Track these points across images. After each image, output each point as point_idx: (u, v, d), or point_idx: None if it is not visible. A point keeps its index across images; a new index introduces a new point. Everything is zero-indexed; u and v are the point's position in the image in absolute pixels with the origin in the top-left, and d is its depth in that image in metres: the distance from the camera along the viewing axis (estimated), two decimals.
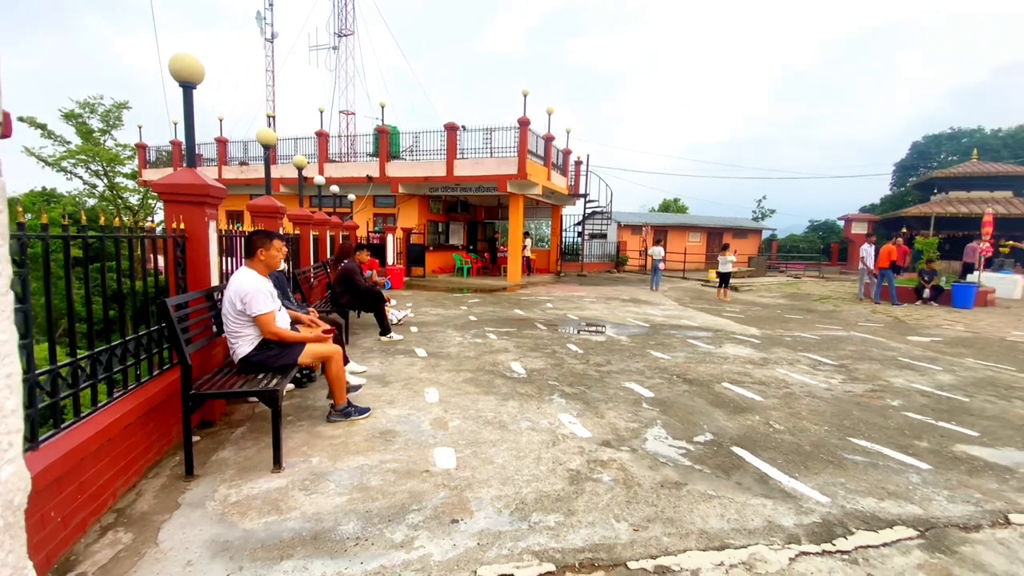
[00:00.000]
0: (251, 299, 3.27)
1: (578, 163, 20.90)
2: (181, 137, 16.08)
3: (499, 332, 7.43)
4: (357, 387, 4.48)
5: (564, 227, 23.21)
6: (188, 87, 3.55)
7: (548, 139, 16.68)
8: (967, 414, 4.19)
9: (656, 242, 16.59)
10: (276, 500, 2.58)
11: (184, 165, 3.76)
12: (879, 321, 9.54)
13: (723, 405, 4.27)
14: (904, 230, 19.55)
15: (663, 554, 2.18)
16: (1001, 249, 18.13)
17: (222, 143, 19.41)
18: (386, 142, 16.55)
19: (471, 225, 20.79)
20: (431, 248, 17.64)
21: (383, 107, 16.97)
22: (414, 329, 7.54)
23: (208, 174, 3.86)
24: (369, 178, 16.55)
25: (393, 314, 7.90)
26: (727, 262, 12.61)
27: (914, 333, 8.28)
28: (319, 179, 11.68)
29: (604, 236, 24.77)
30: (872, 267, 12.39)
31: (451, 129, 15.61)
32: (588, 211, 21.89)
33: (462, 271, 16.98)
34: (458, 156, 15.73)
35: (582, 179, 20.94)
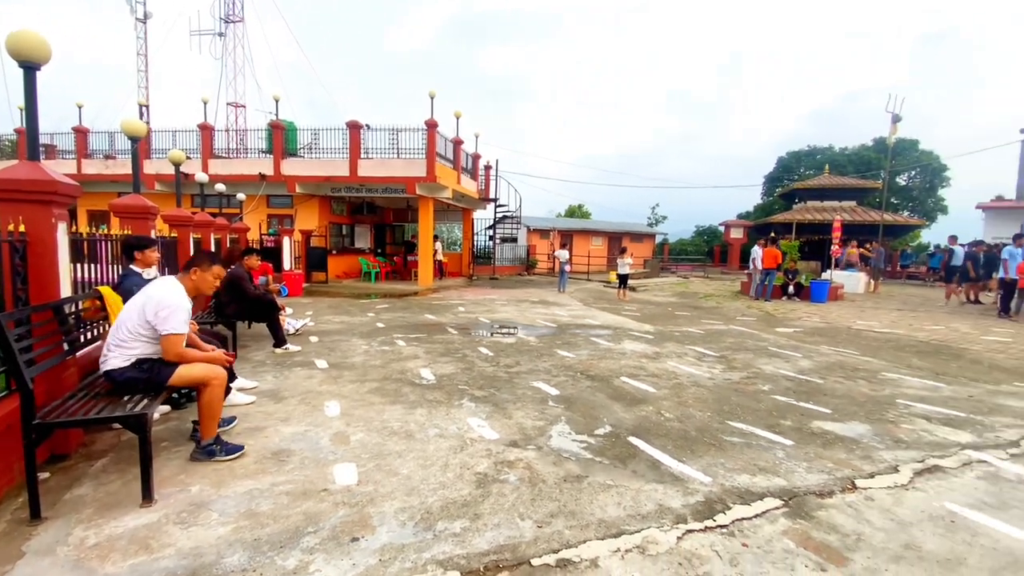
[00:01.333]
0: (170, 315, 2.91)
1: (488, 168, 21.12)
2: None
3: (409, 338, 7.25)
4: (246, 404, 4.12)
5: (475, 231, 23.31)
6: (30, 68, 3.04)
7: (457, 143, 16.66)
8: (822, 394, 4.85)
9: (562, 245, 17.25)
10: (146, 538, 2.28)
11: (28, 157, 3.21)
12: (753, 315, 10.73)
13: (621, 398, 4.54)
14: (772, 234, 22.23)
15: (565, 547, 2.25)
16: (852, 250, 21.23)
17: (82, 133, 16.87)
18: (281, 138, 15.48)
19: (379, 228, 20.13)
20: (334, 252, 16.79)
21: (277, 101, 15.86)
22: (314, 339, 7.11)
23: (63, 168, 3.33)
24: (262, 176, 15.36)
25: (289, 324, 7.38)
26: (625, 264, 13.49)
27: (781, 325, 9.43)
28: (201, 176, 10.59)
29: (515, 240, 25.26)
30: (761, 267, 13.91)
31: (354, 127, 15.00)
32: (499, 215, 22.19)
33: (369, 276, 16.35)
34: (362, 156, 15.16)
35: (492, 183, 21.18)
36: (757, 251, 14.03)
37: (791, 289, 13.80)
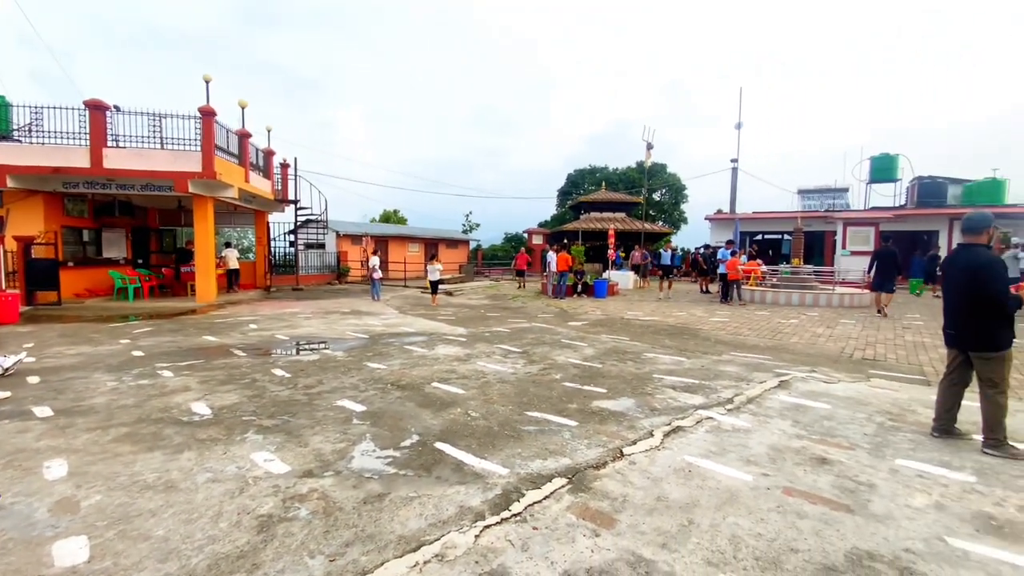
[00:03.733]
0: None
1: (285, 166, 19.14)
2: None
3: (178, 367, 6.05)
4: None
5: (273, 236, 20.89)
6: None
7: (244, 135, 14.69)
8: (601, 377, 5.60)
9: (374, 252, 16.61)
10: None
11: None
12: (551, 312, 11.94)
13: (431, 404, 4.52)
14: (565, 241, 25.16)
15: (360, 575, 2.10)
16: (636, 253, 25.00)
17: None
18: None
19: (139, 233, 16.44)
20: (71, 263, 13.18)
21: None
22: (34, 379, 5.42)
23: None
24: None
25: None
26: (435, 270, 13.64)
27: (573, 319, 10.68)
28: None
29: (322, 246, 23.43)
30: (555, 270, 15.46)
31: (96, 108, 11.99)
32: (301, 219, 20.30)
33: (125, 293, 13.22)
34: (109, 143, 12.20)
35: (291, 184, 19.27)
36: (551, 256, 15.67)
37: (580, 288, 15.79)
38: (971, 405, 3.80)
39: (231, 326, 9.40)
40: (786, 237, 23.77)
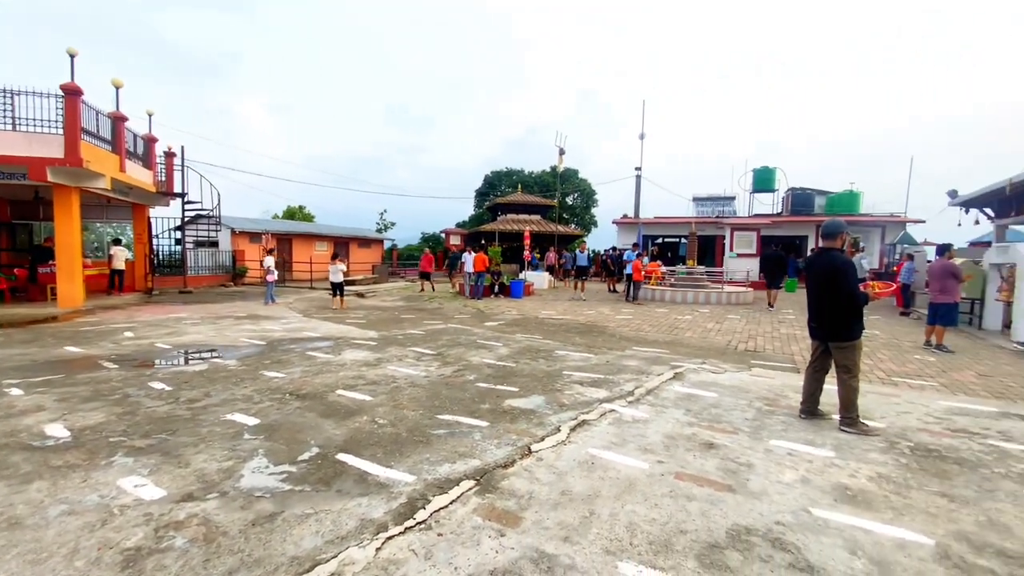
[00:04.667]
0: None
1: (170, 155, 17.21)
2: None
3: (31, 384, 5.19)
4: None
5: (156, 233, 18.71)
6: None
7: (118, 119, 13.00)
8: (514, 376, 5.67)
9: (268, 251, 15.38)
10: None
11: None
12: (468, 313, 11.90)
13: (334, 414, 4.29)
14: (483, 241, 25.25)
15: None
16: (551, 254, 25.66)
17: None
18: None
19: None
20: None
21: None
22: None
23: None
24: None
25: None
26: (337, 271, 12.83)
27: (489, 319, 10.72)
28: None
29: (215, 244, 21.40)
30: (472, 270, 15.39)
31: None
32: (189, 214, 18.38)
33: None
34: None
35: (177, 175, 17.36)
36: (467, 257, 15.63)
37: (497, 288, 15.92)
38: (831, 388, 4.34)
39: (101, 335, 8.26)
40: (683, 240, 25.73)
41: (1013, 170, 12.13)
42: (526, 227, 23.33)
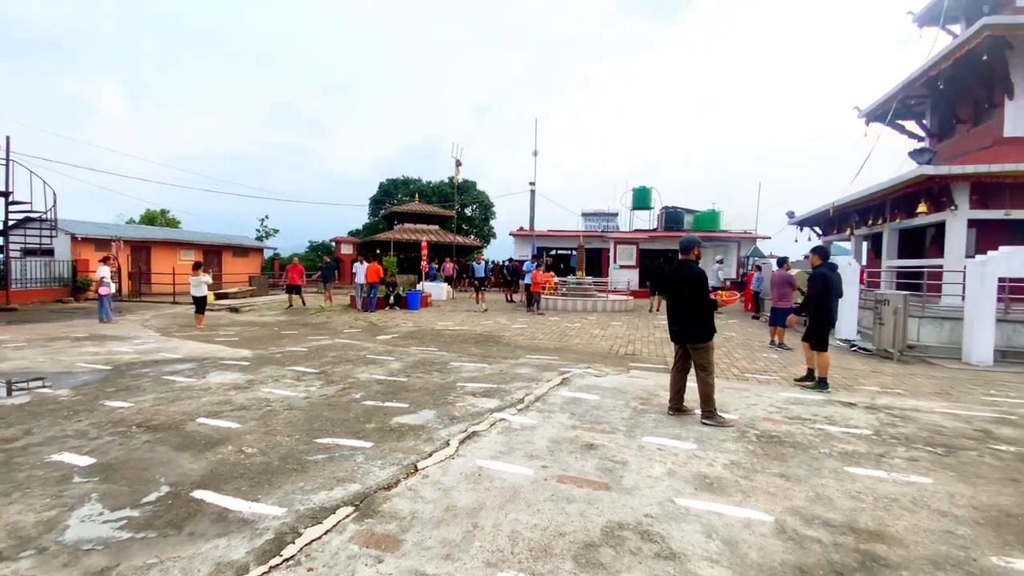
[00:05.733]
0: None
1: None
2: None
3: None
4: None
5: None
6: None
7: None
8: (405, 391, 5.49)
9: (103, 260, 13.21)
10: None
11: None
12: (360, 327, 11.35)
13: (192, 445, 3.80)
14: (378, 251, 24.37)
15: None
16: (435, 265, 25.38)
17: None
18: None
19: None
20: None
21: None
22: None
23: None
24: None
25: None
26: (200, 283, 10.98)
27: (382, 333, 10.32)
28: None
29: (50, 253, 18.05)
30: (364, 281, 14.66)
31: None
32: (15, 217, 15.34)
33: None
34: None
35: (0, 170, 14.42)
36: (359, 267, 14.97)
37: (392, 299, 15.42)
38: (695, 386, 4.81)
39: None
40: (573, 252, 27.17)
41: (836, 195, 14.62)
42: (424, 237, 22.98)
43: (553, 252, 29.04)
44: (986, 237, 10.75)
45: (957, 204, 10.35)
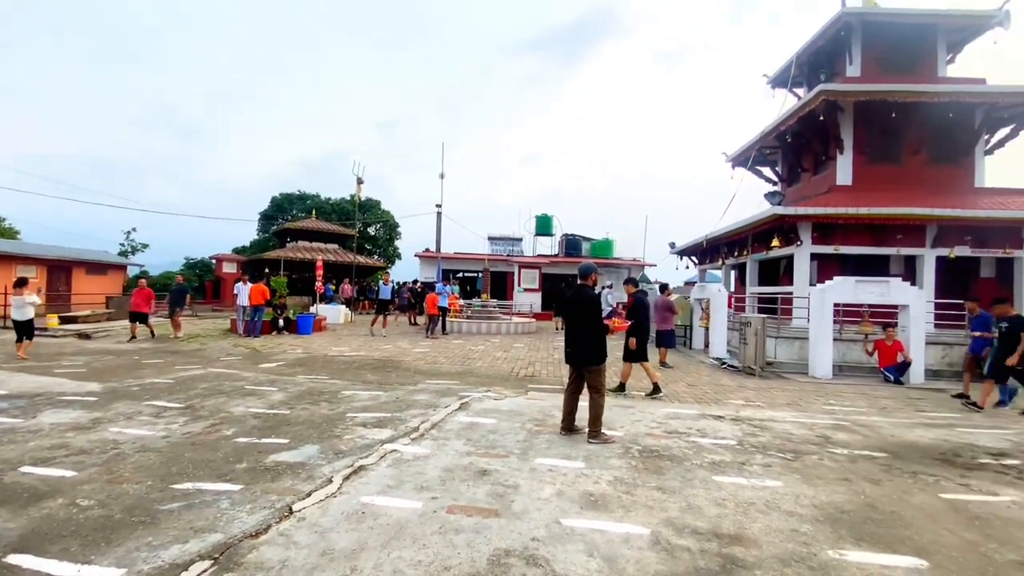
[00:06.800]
0: None
1: None
2: None
3: None
4: None
5: None
6: None
7: None
8: (286, 424, 5.05)
9: None
10: None
11: None
12: (239, 354, 10.32)
13: (11, 500, 3.14)
14: (267, 270, 22.58)
15: None
16: (345, 286, 24.11)
17: None
18: None
19: None
20: None
21: None
22: None
23: None
24: None
25: None
26: (25, 305, 9.08)
27: (266, 360, 9.47)
28: None
29: None
30: (247, 304, 13.36)
31: None
32: None
33: None
34: None
35: None
36: (241, 287, 13.72)
37: (281, 323, 14.28)
38: (586, 405, 5.01)
39: None
40: (479, 275, 27.42)
41: (710, 228, 16.37)
42: (320, 256, 21.74)
43: (460, 274, 29.04)
44: (824, 269, 12.71)
45: (802, 240, 12.14)
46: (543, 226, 31.21)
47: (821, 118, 13.09)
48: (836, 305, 9.94)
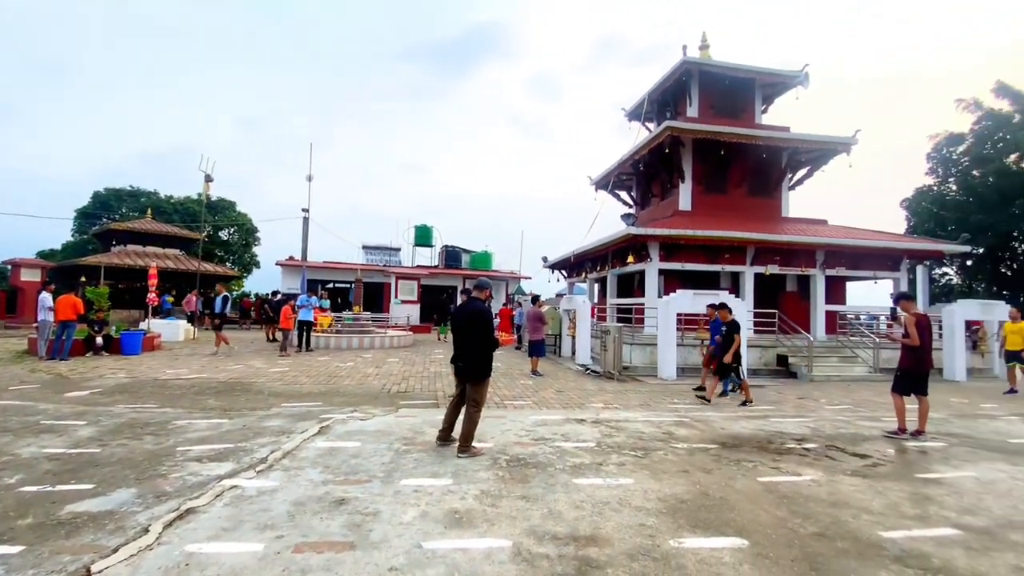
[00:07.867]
0: None
1: None
2: None
3: None
4: None
5: None
6: None
7: None
8: (94, 466, 4.17)
9: None
10: None
11: None
12: (38, 381, 8.38)
13: None
14: (83, 279, 18.81)
15: None
16: (170, 298, 21.05)
17: None
18: None
19: None
20: None
21: None
22: None
23: None
24: None
25: None
26: None
27: (75, 388, 7.81)
28: None
29: None
30: (52, 319, 10.86)
31: None
32: None
33: None
34: None
35: None
36: (46, 297, 11.23)
37: (99, 342, 11.93)
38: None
39: None
40: (351, 286, 26.02)
41: (578, 245, 17.49)
42: (154, 262, 18.73)
43: (329, 285, 27.21)
44: (669, 283, 14.36)
45: (652, 257, 13.58)
46: (423, 237, 30.79)
47: (667, 151, 14.88)
48: (679, 314, 11.26)
